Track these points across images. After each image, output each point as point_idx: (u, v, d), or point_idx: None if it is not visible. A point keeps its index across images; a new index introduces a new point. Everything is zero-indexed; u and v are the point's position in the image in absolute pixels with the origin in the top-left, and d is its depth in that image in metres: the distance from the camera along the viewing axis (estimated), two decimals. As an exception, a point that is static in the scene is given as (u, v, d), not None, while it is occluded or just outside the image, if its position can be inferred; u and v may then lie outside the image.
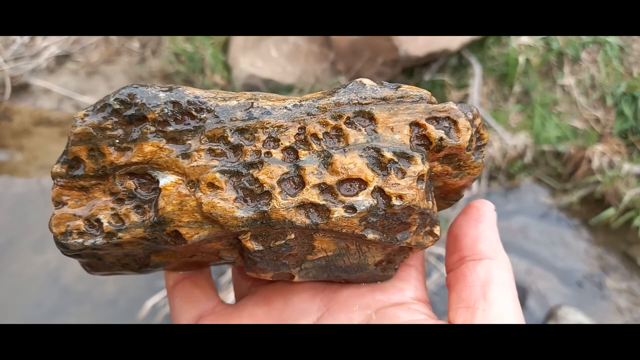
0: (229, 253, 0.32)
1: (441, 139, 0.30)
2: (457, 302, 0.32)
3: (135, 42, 2.11)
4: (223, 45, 1.98)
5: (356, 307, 0.35)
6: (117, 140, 0.29)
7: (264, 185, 0.28)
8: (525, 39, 1.86)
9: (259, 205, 0.28)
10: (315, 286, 0.37)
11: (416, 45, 1.71)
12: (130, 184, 0.29)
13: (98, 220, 0.29)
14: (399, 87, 0.31)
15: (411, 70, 1.88)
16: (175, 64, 1.95)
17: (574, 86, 1.83)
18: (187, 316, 0.38)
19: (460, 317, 0.31)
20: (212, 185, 0.28)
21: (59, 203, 0.30)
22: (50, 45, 2.04)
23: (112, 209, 0.30)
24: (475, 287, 0.32)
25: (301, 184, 0.29)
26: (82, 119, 0.29)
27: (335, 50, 1.89)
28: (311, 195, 0.28)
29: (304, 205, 0.28)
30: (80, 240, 0.29)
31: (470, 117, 0.31)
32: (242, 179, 0.29)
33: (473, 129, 0.31)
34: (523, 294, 1.52)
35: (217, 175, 0.28)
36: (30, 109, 1.90)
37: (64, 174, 0.30)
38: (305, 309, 0.36)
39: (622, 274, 1.57)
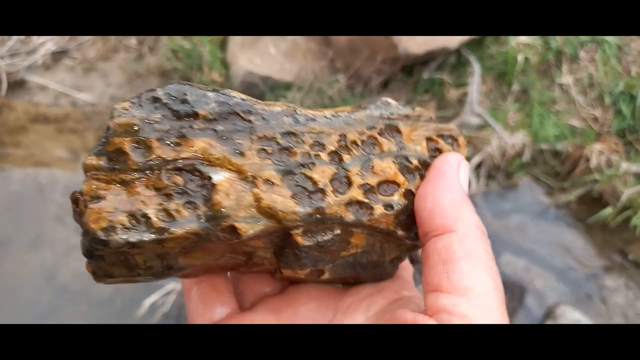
0: (264, 252, 0.32)
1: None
2: (425, 285, 0.30)
3: (132, 39, 2.10)
4: (221, 42, 1.97)
5: (359, 311, 0.35)
6: (165, 135, 0.29)
7: (318, 183, 0.31)
8: (523, 38, 1.86)
9: (314, 201, 0.30)
10: (320, 296, 0.38)
11: (415, 43, 1.71)
12: (179, 179, 0.29)
13: (145, 216, 0.28)
14: (415, 108, 0.36)
15: (411, 68, 1.88)
16: (172, 60, 1.94)
17: (572, 85, 1.83)
18: (201, 320, 0.37)
19: (428, 302, 0.29)
20: (268, 182, 0.30)
21: (94, 197, 0.28)
22: (47, 41, 2.02)
23: (160, 204, 0.28)
24: (437, 267, 0.30)
25: (348, 183, 0.32)
26: (125, 109, 0.29)
27: (334, 48, 1.88)
28: (357, 193, 0.32)
29: (351, 203, 0.31)
30: (125, 236, 0.27)
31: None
32: (296, 178, 0.31)
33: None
34: (521, 292, 1.52)
35: (273, 172, 0.30)
36: (26, 105, 1.89)
37: (101, 166, 0.29)
38: (313, 317, 0.36)
39: (619, 273, 1.58)
